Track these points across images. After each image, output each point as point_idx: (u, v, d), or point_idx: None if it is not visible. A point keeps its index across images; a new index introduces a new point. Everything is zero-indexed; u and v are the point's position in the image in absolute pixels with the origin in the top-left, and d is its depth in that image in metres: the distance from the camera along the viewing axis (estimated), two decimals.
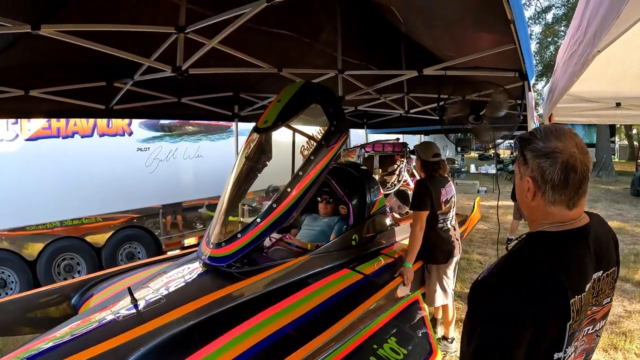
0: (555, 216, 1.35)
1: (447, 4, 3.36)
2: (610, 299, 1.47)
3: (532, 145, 1.36)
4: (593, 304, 1.38)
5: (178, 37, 3.03)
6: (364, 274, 3.37)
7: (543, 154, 1.32)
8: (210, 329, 2.48)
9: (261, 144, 3.58)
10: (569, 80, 2.46)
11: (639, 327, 4.94)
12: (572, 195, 1.32)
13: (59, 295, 3.57)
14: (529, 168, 1.36)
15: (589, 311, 1.37)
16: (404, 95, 6.01)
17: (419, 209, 3.89)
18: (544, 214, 1.37)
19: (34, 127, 6.20)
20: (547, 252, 1.31)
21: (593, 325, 1.44)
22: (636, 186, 15.99)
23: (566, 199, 1.32)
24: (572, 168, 1.29)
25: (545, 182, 1.32)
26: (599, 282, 1.38)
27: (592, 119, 4.85)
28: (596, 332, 1.48)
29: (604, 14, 1.44)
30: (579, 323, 1.30)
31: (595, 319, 1.44)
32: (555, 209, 1.34)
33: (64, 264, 6.70)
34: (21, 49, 3.17)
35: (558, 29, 28.70)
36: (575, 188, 1.31)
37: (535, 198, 1.37)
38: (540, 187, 1.34)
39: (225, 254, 3.02)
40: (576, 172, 1.29)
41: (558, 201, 1.33)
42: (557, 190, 1.31)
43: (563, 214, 1.34)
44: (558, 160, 1.29)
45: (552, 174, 1.30)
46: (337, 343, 2.67)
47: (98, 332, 2.40)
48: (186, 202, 8.31)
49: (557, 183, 1.30)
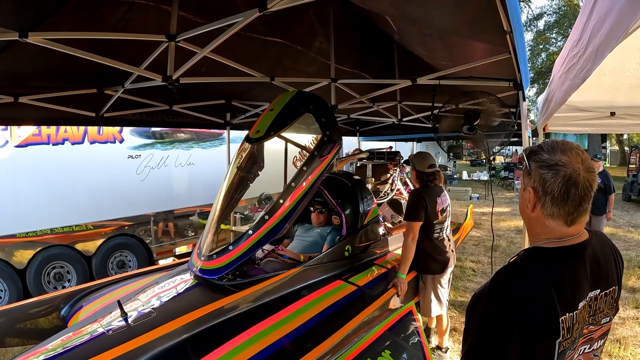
0: (552, 231, 1.35)
1: (442, 13, 3.35)
2: (609, 318, 1.45)
3: (537, 156, 1.36)
4: (590, 322, 1.37)
5: (169, 45, 3.00)
6: (357, 285, 3.34)
7: (546, 165, 1.32)
8: (201, 343, 2.44)
9: (253, 153, 3.54)
10: (566, 93, 2.45)
11: (633, 334, 4.95)
12: (572, 211, 1.31)
13: (48, 306, 3.51)
14: (532, 179, 1.36)
15: (586, 330, 1.37)
16: (396, 103, 6.01)
17: (412, 219, 3.86)
18: (543, 227, 1.37)
19: (24, 133, 6.12)
20: (539, 268, 1.32)
21: (590, 345, 1.43)
22: (628, 191, 16.18)
23: (565, 213, 1.31)
24: (573, 183, 1.28)
25: (546, 193, 1.31)
26: (596, 301, 1.37)
27: (586, 128, 4.86)
28: (593, 352, 1.46)
29: (608, 31, 1.41)
30: (570, 341, 1.29)
31: (593, 338, 1.42)
32: (553, 223, 1.34)
33: (53, 272, 6.61)
34: (11, 55, 3.12)
35: (549, 36, 28.97)
36: (575, 204, 1.30)
37: (535, 209, 1.37)
38: (540, 199, 1.34)
39: (217, 267, 2.98)
40: (577, 188, 1.28)
41: (556, 215, 1.32)
42: (557, 203, 1.30)
43: (560, 229, 1.34)
44: (560, 173, 1.29)
45: (553, 185, 1.29)
46: (332, 357, 2.63)
47: (89, 346, 2.36)
48: (178, 209, 8.26)
49: (556, 196, 1.30)
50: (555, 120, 4.51)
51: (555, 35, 28.44)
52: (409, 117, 6.56)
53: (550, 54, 27.59)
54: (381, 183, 5.69)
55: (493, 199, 4.94)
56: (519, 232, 10.01)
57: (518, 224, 11.16)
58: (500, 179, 22.04)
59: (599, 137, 23.89)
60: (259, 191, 6.97)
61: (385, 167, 5.74)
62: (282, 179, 4.00)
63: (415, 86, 4.42)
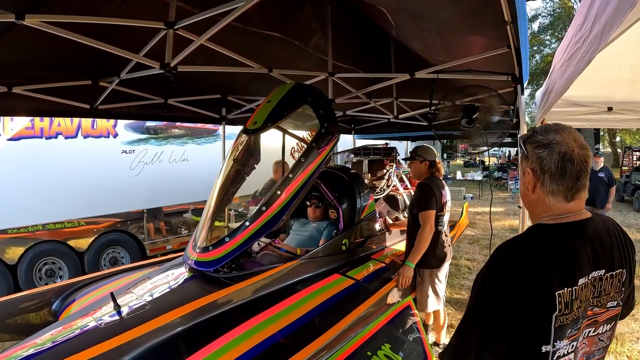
0: (553, 208, 1.40)
1: (441, 6, 3.33)
2: (617, 303, 1.45)
3: (532, 139, 1.43)
4: (594, 304, 1.40)
5: (167, 33, 2.95)
6: (355, 279, 3.31)
7: (541, 144, 1.39)
8: (196, 337, 2.39)
9: (250, 145, 3.50)
10: (569, 80, 2.42)
11: (629, 330, 4.97)
12: (570, 186, 1.36)
13: (39, 300, 3.46)
14: (529, 161, 1.43)
15: (590, 312, 1.39)
16: (393, 100, 5.98)
17: (427, 208, 3.80)
18: (544, 207, 1.42)
19: (16, 126, 6.05)
20: (537, 242, 1.38)
21: (595, 328, 1.44)
22: (621, 192, 16.28)
23: (564, 189, 1.37)
24: (569, 158, 1.34)
25: (544, 171, 1.38)
26: (600, 282, 1.39)
27: (584, 123, 4.86)
28: (599, 336, 1.47)
29: (615, 7, 1.39)
30: (571, 318, 1.32)
31: (598, 321, 1.44)
32: (553, 200, 1.39)
33: (45, 268, 6.54)
34: (5, 44, 3.07)
35: (544, 38, 29.11)
36: (573, 179, 1.36)
37: (535, 190, 1.43)
38: (539, 178, 1.40)
39: (213, 259, 2.94)
40: (573, 163, 1.34)
41: (556, 191, 1.38)
42: (555, 179, 1.37)
43: (561, 206, 1.39)
44: (555, 150, 1.35)
45: (550, 163, 1.36)
46: (330, 351, 2.59)
47: (80, 340, 2.31)
48: (172, 206, 8.20)
49: (554, 172, 1.36)
50: (552, 115, 4.50)
51: (550, 37, 28.59)
52: (405, 114, 6.54)
53: (545, 55, 27.73)
54: (378, 179, 5.67)
55: (492, 195, 4.93)
56: (513, 231, 10.03)
57: (512, 223, 11.20)
58: (494, 179, 22.12)
59: (592, 139, 24.05)
60: (252, 189, 6.89)
61: (382, 163, 5.72)
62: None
63: (412, 82, 4.40)
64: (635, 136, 36.59)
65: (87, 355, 2.13)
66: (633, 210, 14.30)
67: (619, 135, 38.42)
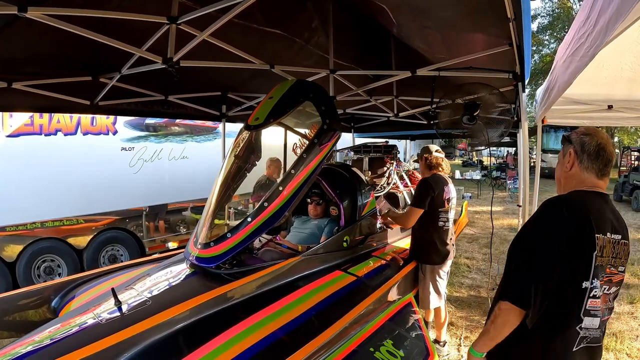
0: (586, 181, 1.81)
1: (442, 4, 3.33)
2: (624, 269, 1.78)
3: (577, 130, 1.89)
4: (611, 263, 1.72)
5: (170, 28, 2.95)
6: (356, 275, 3.30)
7: (584, 133, 1.85)
8: (198, 333, 2.37)
9: (251, 142, 3.49)
10: (572, 75, 2.42)
11: (629, 328, 5.00)
12: (601, 167, 1.81)
13: (38, 297, 3.42)
14: (571, 145, 1.86)
15: (608, 270, 1.72)
16: (393, 98, 5.98)
17: (416, 205, 3.94)
18: (579, 180, 1.83)
19: (16, 123, 6.03)
20: (578, 199, 1.78)
21: (609, 287, 1.74)
22: (619, 192, 16.35)
23: (596, 168, 1.80)
24: (602, 148, 1.80)
25: (584, 151, 1.81)
26: (617, 245, 1.73)
27: (584, 121, 4.87)
28: (609, 296, 1.77)
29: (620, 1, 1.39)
30: (603, 262, 1.68)
31: (612, 280, 1.74)
32: (587, 175, 1.81)
33: (44, 266, 6.51)
34: (5, 39, 3.06)
35: (542, 38, 29.15)
36: (603, 163, 1.80)
37: (573, 167, 1.85)
38: (579, 156, 1.82)
39: (214, 255, 2.92)
40: (605, 152, 1.80)
41: (590, 168, 1.80)
42: (591, 159, 1.80)
43: (593, 180, 1.81)
44: (594, 139, 1.81)
45: (590, 146, 1.80)
46: (332, 347, 2.58)
47: (80, 336, 2.28)
48: (171, 204, 8.16)
49: (592, 153, 1.80)
50: (553, 113, 4.51)
51: (549, 37, 28.63)
52: (405, 112, 6.53)
53: (543, 55, 27.76)
54: (378, 176, 5.65)
55: (493, 193, 4.94)
56: (512, 230, 10.04)
57: (511, 222, 11.19)
58: (493, 179, 22.12)
59: None
60: (248, 186, 6.86)
61: (382, 161, 5.71)
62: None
63: (412, 80, 4.42)
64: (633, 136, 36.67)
65: (88, 352, 2.11)
66: (631, 209, 14.32)
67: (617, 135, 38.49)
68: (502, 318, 1.77)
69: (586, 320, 1.70)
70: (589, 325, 1.71)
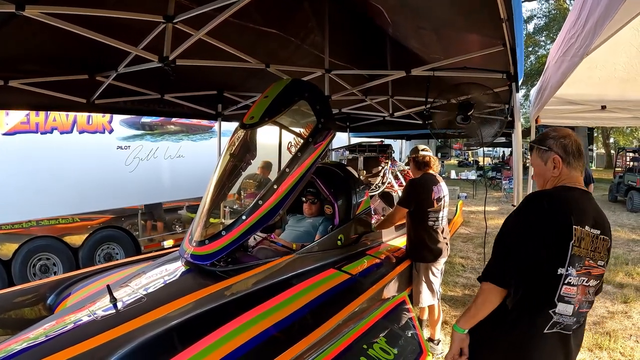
0: (572, 179, 1.93)
1: (438, 4, 3.35)
2: (604, 264, 1.88)
3: (550, 137, 2.00)
4: (590, 256, 1.82)
5: (166, 27, 2.96)
6: (350, 274, 3.31)
7: (561, 137, 1.97)
8: (192, 330, 2.38)
9: (246, 140, 3.51)
10: (563, 75, 2.45)
11: (622, 327, 5.04)
12: (582, 163, 1.97)
13: (34, 295, 3.43)
14: (552, 151, 1.96)
15: (587, 262, 1.81)
16: (388, 98, 6.00)
17: (400, 203, 4.12)
18: (566, 178, 1.94)
19: (12, 121, 6.02)
20: (559, 192, 1.90)
21: (588, 279, 1.84)
22: (614, 193, 16.44)
23: (580, 165, 1.96)
24: (579, 144, 1.98)
25: (568, 154, 1.93)
26: (596, 240, 1.82)
27: (578, 121, 4.90)
28: (588, 288, 1.86)
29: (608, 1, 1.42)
30: (580, 253, 1.77)
31: (590, 273, 1.83)
32: (574, 173, 1.94)
33: (39, 264, 6.51)
34: (1, 37, 3.07)
35: (539, 39, 29.18)
36: (583, 159, 1.97)
37: (561, 170, 1.94)
38: (565, 159, 1.93)
39: (209, 252, 2.93)
40: (581, 149, 1.98)
41: (576, 167, 1.94)
42: (576, 159, 1.94)
43: (578, 177, 1.95)
44: (572, 139, 1.96)
45: (572, 148, 1.94)
46: (326, 344, 2.60)
47: (75, 333, 2.29)
48: (167, 202, 8.17)
49: (575, 153, 1.94)
50: (547, 113, 4.53)
51: (545, 38, 28.68)
52: (400, 112, 6.56)
53: (539, 56, 27.81)
54: (373, 176, 5.68)
55: (487, 192, 4.96)
56: None
57: None
58: (488, 179, 22.19)
59: (586, 140, 24.22)
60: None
61: (377, 160, 5.73)
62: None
63: (407, 80, 4.44)
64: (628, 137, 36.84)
65: (83, 348, 2.12)
66: (626, 210, 14.37)
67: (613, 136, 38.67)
68: (483, 297, 1.93)
69: (560, 306, 1.80)
70: (563, 311, 1.80)
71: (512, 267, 1.83)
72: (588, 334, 4.75)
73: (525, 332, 1.87)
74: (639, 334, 4.85)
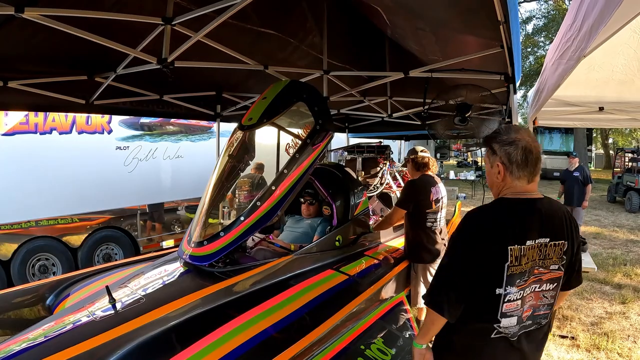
0: (517, 188, 1.83)
1: (436, 6, 3.36)
2: (558, 267, 1.86)
3: (498, 139, 1.87)
4: (540, 265, 1.81)
5: (165, 28, 2.97)
6: (348, 274, 3.32)
7: (507, 142, 1.82)
8: (191, 330, 2.39)
9: (245, 141, 3.51)
10: (560, 77, 2.46)
11: (620, 328, 5.05)
12: (532, 170, 1.81)
13: (33, 295, 3.43)
14: (497, 156, 1.85)
15: (536, 270, 1.81)
16: (387, 99, 6.01)
17: (398, 204, 4.13)
18: (510, 187, 1.84)
19: (11, 121, 6.03)
20: (498, 208, 1.85)
21: (539, 285, 1.85)
22: (612, 193, 16.47)
23: (527, 174, 1.81)
24: (529, 151, 1.79)
25: (512, 163, 1.80)
26: (545, 248, 1.80)
27: (575, 122, 4.91)
28: (543, 292, 1.87)
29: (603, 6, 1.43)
30: (520, 270, 1.75)
31: (542, 279, 1.84)
32: (518, 182, 1.82)
33: (38, 264, 6.52)
34: (1, 38, 3.07)
35: (538, 40, 29.18)
36: (533, 165, 1.81)
37: (504, 178, 1.84)
38: (508, 168, 1.81)
39: (207, 253, 2.94)
40: (532, 154, 1.80)
41: (522, 176, 1.81)
42: (521, 168, 1.79)
43: (523, 186, 1.82)
44: (519, 146, 1.79)
45: (517, 156, 1.79)
46: (324, 344, 2.61)
47: (74, 333, 2.29)
48: (166, 203, 8.19)
49: (520, 162, 1.79)
50: (544, 114, 4.54)
51: (544, 39, 28.69)
52: (398, 113, 6.57)
53: (538, 57, 27.83)
54: (371, 177, 5.69)
55: (484, 193, 4.98)
56: None
57: None
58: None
59: (585, 141, 24.23)
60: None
61: (375, 161, 5.75)
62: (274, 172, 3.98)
63: (405, 81, 4.44)
64: (627, 138, 36.86)
65: (82, 349, 2.12)
66: (624, 210, 14.40)
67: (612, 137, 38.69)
68: (430, 317, 1.94)
69: (504, 321, 1.79)
70: (507, 324, 1.80)
71: (448, 292, 1.82)
72: (585, 335, 4.79)
73: (475, 336, 1.88)
74: (636, 335, 4.87)
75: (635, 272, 7.27)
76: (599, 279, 6.76)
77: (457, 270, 1.82)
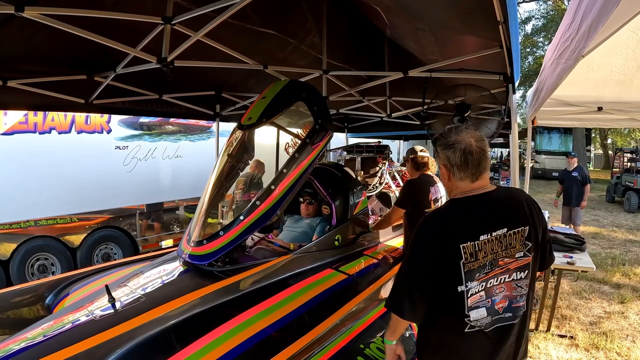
0: (462, 188, 1.87)
1: (435, 6, 3.36)
2: (523, 254, 1.86)
3: (440, 141, 1.92)
4: (504, 255, 1.82)
5: (164, 28, 2.97)
6: (347, 274, 3.33)
7: (446, 146, 1.86)
8: (191, 329, 2.39)
9: (244, 141, 3.52)
10: (558, 77, 2.47)
11: (619, 327, 5.07)
12: (474, 171, 1.83)
13: (32, 294, 3.44)
14: (440, 158, 1.92)
15: (501, 262, 1.82)
16: (386, 98, 6.01)
17: (397, 204, 4.09)
18: (456, 187, 1.89)
19: (10, 121, 6.04)
20: (448, 211, 1.90)
21: (509, 275, 1.85)
22: (611, 193, 16.50)
23: (469, 174, 1.83)
24: (469, 152, 1.80)
25: (452, 165, 1.84)
26: (505, 238, 1.81)
27: (574, 122, 4.92)
28: (515, 282, 1.87)
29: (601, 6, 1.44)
30: (477, 265, 1.77)
31: (510, 269, 1.84)
32: (462, 183, 1.86)
33: (37, 264, 6.53)
34: (0, 38, 3.06)
35: (537, 40, 29.19)
36: (474, 166, 1.82)
37: (450, 179, 1.90)
38: (449, 170, 1.87)
39: (207, 252, 2.95)
40: (472, 155, 1.81)
41: (464, 177, 1.84)
42: (461, 169, 1.83)
43: (468, 185, 1.86)
44: (457, 148, 1.81)
45: (455, 159, 1.82)
46: (323, 343, 2.61)
47: (73, 333, 2.30)
48: (165, 202, 8.19)
49: (460, 165, 1.82)
50: (543, 114, 4.55)
51: (543, 39, 28.70)
52: (398, 113, 6.57)
53: (537, 57, 27.84)
54: (370, 176, 5.69)
55: None
56: None
57: None
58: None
59: (584, 141, 24.26)
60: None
61: (375, 161, 5.75)
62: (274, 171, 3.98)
63: (405, 81, 4.43)
64: (626, 138, 36.87)
65: (81, 348, 2.13)
66: (623, 210, 14.42)
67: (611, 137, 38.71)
68: (395, 317, 1.97)
69: (472, 314, 1.80)
70: (477, 316, 1.80)
71: (408, 294, 1.85)
72: (584, 334, 4.80)
73: (448, 331, 1.89)
74: (635, 334, 4.88)
75: (633, 271, 7.29)
76: (597, 279, 6.78)
77: (415, 274, 1.85)
